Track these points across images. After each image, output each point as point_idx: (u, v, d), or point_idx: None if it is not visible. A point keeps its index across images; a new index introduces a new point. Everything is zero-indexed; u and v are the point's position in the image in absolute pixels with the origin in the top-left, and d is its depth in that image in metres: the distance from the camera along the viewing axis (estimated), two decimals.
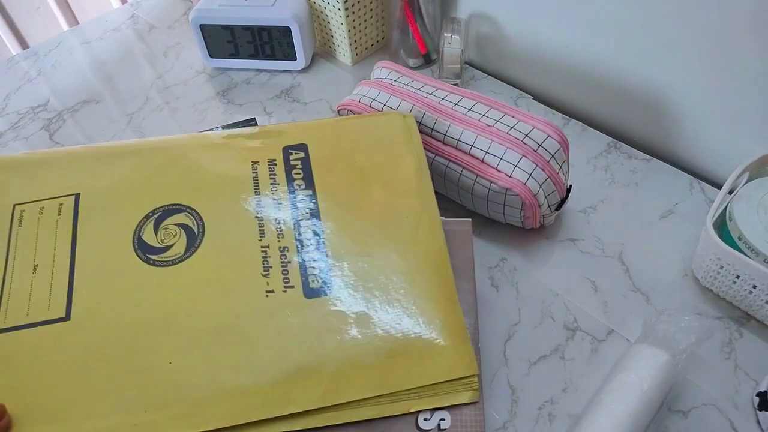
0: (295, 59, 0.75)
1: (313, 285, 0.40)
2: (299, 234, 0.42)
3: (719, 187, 0.57)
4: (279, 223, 0.43)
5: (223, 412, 0.36)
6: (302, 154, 0.46)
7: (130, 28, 0.89)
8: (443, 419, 0.37)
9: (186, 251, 0.41)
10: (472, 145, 0.50)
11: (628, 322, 0.48)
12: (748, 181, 0.51)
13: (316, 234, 0.42)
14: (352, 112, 0.57)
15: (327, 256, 0.41)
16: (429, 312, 0.39)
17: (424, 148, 0.53)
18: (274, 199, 0.44)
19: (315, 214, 0.43)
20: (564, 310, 0.49)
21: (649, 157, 0.62)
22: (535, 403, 0.44)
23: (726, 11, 0.50)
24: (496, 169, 0.49)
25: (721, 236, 0.46)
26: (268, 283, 0.40)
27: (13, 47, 1.19)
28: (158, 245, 0.42)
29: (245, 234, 0.42)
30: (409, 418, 0.37)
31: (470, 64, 0.77)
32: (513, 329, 0.48)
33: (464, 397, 0.38)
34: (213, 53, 0.76)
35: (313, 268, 0.41)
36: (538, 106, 0.69)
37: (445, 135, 0.52)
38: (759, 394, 0.42)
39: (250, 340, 0.38)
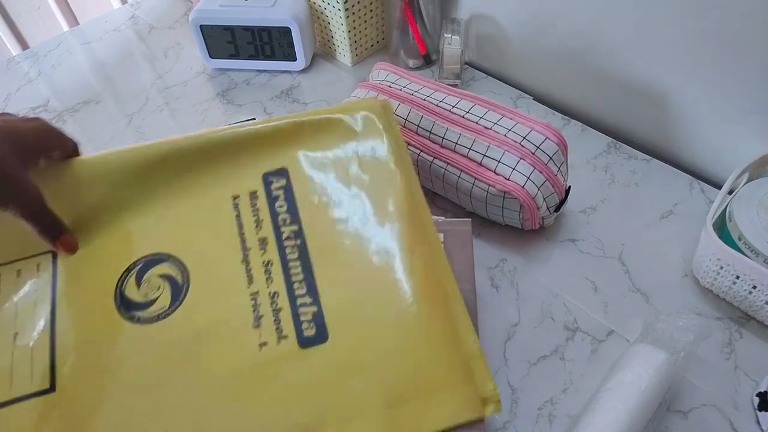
0: (295, 60, 0.75)
1: (307, 333, 0.38)
2: (289, 276, 0.40)
3: (719, 187, 0.57)
4: (267, 266, 0.40)
5: None
6: (284, 182, 0.43)
7: (130, 29, 0.89)
8: None
9: (171, 304, 0.39)
10: (470, 148, 0.50)
11: (628, 322, 0.48)
12: (748, 181, 0.51)
13: (306, 275, 0.40)
14: None
15: (320, 299, 0.39)
16: (429, 356, 0.37)
17: (423, 151, 0.53)
18: (260, 240, 0.41)
19: (304, 253, 0.40)
20: (564, 311, 0.49)
21: (649, 157, 0.62)
22: (535, 403, 0.44)
23: (726, 12, 0.50)
24: (495, 172, 0.49)
25: (721, 236, 0.46)
26: (260, 335, 0.38)
27: (13, 47, 1.19)
28: (141, 300, 0.39)
29: (232, 281, 0.40)
30: None
31: (470, 64, 0.77)
32: (513, 329, 0.48)
33: (489, 410, 0.37)
34: (213, 54, 0.76)
35: (306, 314, 0.38)
36: (538, 107, 0.69)
37: (443, 138, 0.52)
38: (759, 395, 0.42)
39: (247, 400, 0.36)
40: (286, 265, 0.40)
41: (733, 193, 0.50)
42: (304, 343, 0.38)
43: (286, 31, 0.72)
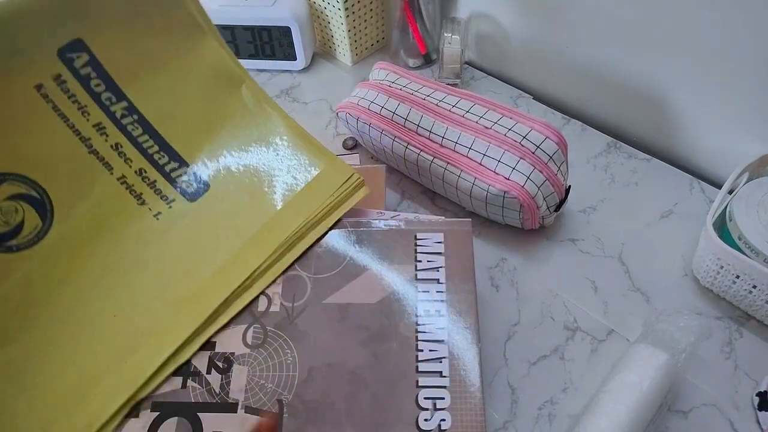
0: (295, 59, 0.75)
1: (190, 189, 0.41)
2: (144, 150, 0.40)
3: (719, 187, 0.57)
4: (117, 149, 0.39)
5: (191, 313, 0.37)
6: (86, 56, 0.38)
7: None
8: (444, 419, 0.38)
9: (44, 221, 0.37)
10: (470, 148, 0.50)
11: (628, 322, 0.48)
12: (748, 181, 0.51)
13: (160, 143, 0.40)
14: (351, 115, 0.57)
15: (184, 158, 0.41)
16: (296, 152, 0.42)
17: (423, 150, 0.53)
18: (95, 126, 0.38)
19: (145, 124, 0.40)
20: (564, 310, 0.49)
21: (649, 157, 0.62)
22: (535, 403, 0.44)
23: (726, 11, 0.50)
24: (494, 172, 0.49)
25: (721, 236, 0.46)
26: (150, 208, 0.39)
27: None
28: (6, 229, 0.36)
29: (91, 175, 0.38)
30: (409, 419, 0.38)
31: (470, 64, 0.77)
32: (513, 329, 0.48)
33: (359, 195, 0.42)
34: None
35: (179, 174, 0.41)
36: (538, 106, 0.69)
37: (443, 137, 0.52)
38: (759, 394, 0.42)
39: (167, 264, 0.38)
40: (135, 141, 0.40)
41: (733, 193, 0.50)
42: (192, 196, 0.41)
43: (286, 31, 0.72)
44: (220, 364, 0.40)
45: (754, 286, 0.44)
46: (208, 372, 0.39)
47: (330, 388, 0.39)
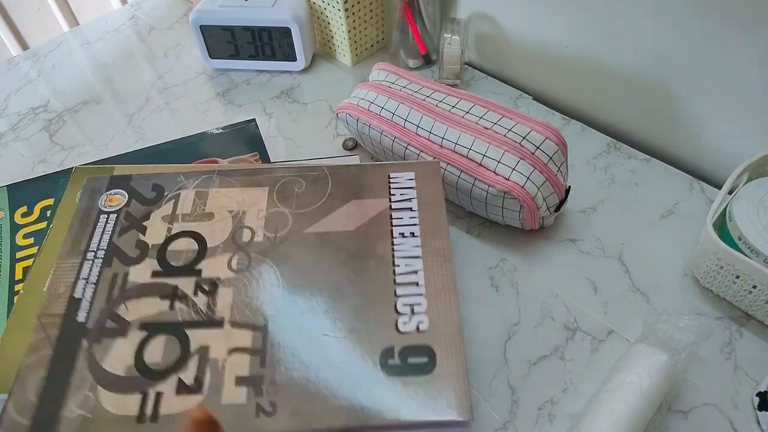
0: (295, 60, 0.75)
1: None
2: None
3: (719, 187, 0.57)
4: None
5: None
6: None
7: (130, 29, 0.89)
8: (422, 322, 0.40)
9: None
10: (470, 149, 0.50)
11: (628, 322, 0.48)
12: (748, 181, 0.51)
13: None
14: (351, 116, 0.57)
15: None
16: None
17: (423, 151, 0.53)
18: None
19: None
20: (564, 310, 0.49)
21: (649, 157, 0.62)
22: (535, 403, 0.44)
23: (726, 12, 0.50)
24: (494, 173, 0.49)
25: (721, 236, 0.46)
26: None
27: (14, 48, 1.19)
28: None
29: None
30: (389, 323, 0.41)
31: (470, 64, 0.77)
32: (513, 329, 0.48)
33: None
34: (213, 54, 0.76)
35: None
36: (537, 107, 0.69)
37: (443, 138, 0.52)
38: (759, 394, 0.42)
39: None
40: None
41: (733, 193, 0.50)
42: None
43: (286, 32, 0.72)
44: (206, 287, 0.42)
45: (754, 286, 0.44)
46: (195, 294, 0.42)
47: (312, 302, 0.42)
